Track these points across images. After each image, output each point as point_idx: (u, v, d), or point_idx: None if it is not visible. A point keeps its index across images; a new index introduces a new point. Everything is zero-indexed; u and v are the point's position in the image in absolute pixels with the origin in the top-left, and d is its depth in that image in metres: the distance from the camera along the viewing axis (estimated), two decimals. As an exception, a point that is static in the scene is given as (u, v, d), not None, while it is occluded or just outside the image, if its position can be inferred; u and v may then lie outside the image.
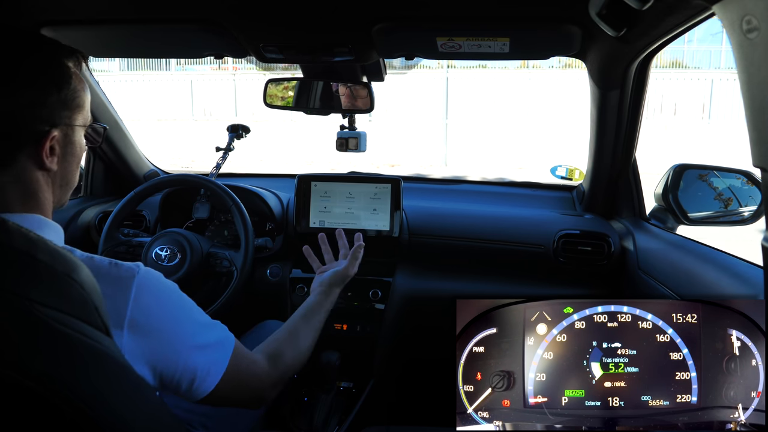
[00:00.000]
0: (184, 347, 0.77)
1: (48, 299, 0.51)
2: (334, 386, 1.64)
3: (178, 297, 0.79)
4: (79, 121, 0.79)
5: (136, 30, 1.23)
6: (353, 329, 1.66)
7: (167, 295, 0.77)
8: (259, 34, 1.20)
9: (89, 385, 0.54)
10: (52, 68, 0.74)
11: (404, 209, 1.64)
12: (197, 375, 0.78)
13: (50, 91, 0.73)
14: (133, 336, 0.71)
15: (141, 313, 0.72)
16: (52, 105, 0.73)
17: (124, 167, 1.90)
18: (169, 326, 0.76)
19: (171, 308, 0.77)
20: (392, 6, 1.02)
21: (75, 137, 0.78)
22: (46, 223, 0.75)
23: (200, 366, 0.78)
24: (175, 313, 0.77)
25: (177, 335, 0.76)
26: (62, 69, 0.75)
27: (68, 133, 0.77)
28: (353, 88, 1.48)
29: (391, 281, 1.64)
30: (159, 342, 0.74)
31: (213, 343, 0.81)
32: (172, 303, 0.78)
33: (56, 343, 0.51)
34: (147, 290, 0.73)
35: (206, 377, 0.79)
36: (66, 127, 0.76)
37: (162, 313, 0.75)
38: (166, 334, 0.75)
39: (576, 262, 1.56)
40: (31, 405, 0.51)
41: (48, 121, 0.73)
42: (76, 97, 0.77)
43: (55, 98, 0.74)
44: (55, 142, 0.74)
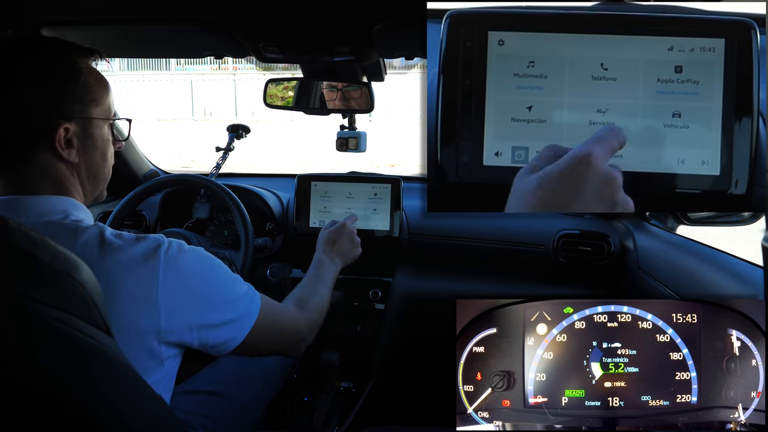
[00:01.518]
0: (216, 308, 0.80)
1: (49, 298, 0.51)
2: (334, 386, 1.64)
3: (204, 262, 0.81)
4: (97, 114, 0.82)
5: (135, 30, 1.23)
6: (353, 329, 1.66)
7: (194, 264, 0.79)
8: (259, 34, 1.20)
9: (89, 384, 0.54)
10: (57, 65, 0.78)
11: (404, 209, 1.64)
12: (227, 329, 0.82)
13: (57, 86, 0.77)
14: (167, 309, 0.74)
15: (170, 290, 0.75)
16: (60, 98, 0.77)
17: (124, 167, 1.90)
18: (199, 291, 0.79)
19: (198, 276, 0.80)
20: (392, 6, 1.02)
21: (94, 130, 0.82)
22: (81, 207, 0.81)
23: (231, 322, 0.82)
24: (204, 279, 0.80)
25: (211, 299, 0.80)
26: (70, 65, 0.79)
27: (86, 126, 0.81)
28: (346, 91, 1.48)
29: (391, 281, 1.64)
30: (191, 308, 0.77)
31: (243, 295, 0.85)
32: (200, 268, 0.80)
33: (57, 342, 0.51)
34: (174, 265, 0.76)
35: (237, 329, 0.83)
36: (82, 120, 0.80)
37: (190, 283, 0.78)
38: (195, 298, 0.78)
39: (576, 262, 1.56)
40: (32, 404, 0.51)
41: (59, 114, 0.77)
42: (89, 92, 0.80)
43: (62, 92, 0.77)
44: (71, 134, 0.78)
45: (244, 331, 0.84)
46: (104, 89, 0.84)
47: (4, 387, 0.49)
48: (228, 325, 0.82)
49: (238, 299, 0.84)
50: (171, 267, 0.75)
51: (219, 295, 0.81)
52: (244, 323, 0.84)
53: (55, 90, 0.77)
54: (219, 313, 0.81)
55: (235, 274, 0.87)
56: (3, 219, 0.52)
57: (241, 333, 0.84)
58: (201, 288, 0.79)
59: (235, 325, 0.83)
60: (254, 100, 10.75)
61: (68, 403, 0.51)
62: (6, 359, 0.48)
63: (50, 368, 0.51)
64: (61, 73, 0.78)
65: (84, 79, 0.80)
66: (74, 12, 1.14)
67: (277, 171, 2.24)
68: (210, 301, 0.80)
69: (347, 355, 1.64)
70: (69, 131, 0.78)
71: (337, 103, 1.50)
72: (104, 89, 0.84)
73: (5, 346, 0.48)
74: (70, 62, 0.79)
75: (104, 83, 0.84)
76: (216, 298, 0.81)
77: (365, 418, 1.59)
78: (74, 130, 0.79)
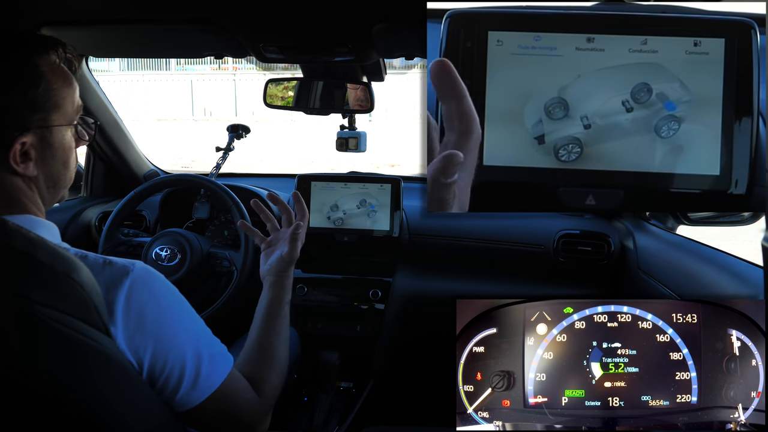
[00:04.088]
0: (179, 343, 0.70)
1: (48, 299, 0.51)
2: (334, 386, 1.65)
3: (176, 295, 0.74)
4: (59, 120, 0.73)
5: (136, 30, 1.23)
6: (353, 329, 1.66)
7: (165, 290, 0.72)
8: (259, 34, 1.20)
9: (89, 385, 0.54)
10: (15, 71, 0.68)
11: (404, 209, 1.64)
12: (186, 377, 0.70)
13: (13, 94, 0.67)
14: (126, 328, 0.65)
15: (135, 306, 0.66)
16: (17, 109, 0.68)
17: (124, 167, 1.90)
18: (167, 319, 0.70)
19: (169, 302, 0.71)
20: (392, 6, 1.02)
21: (54, 138, 0.73)
22: (39, 223, 0.71)
23: (193, 370, 0.70)
24: (174, 307, 0.72)
25: (174, 329, 0.70)
26: (29, 70, 0.69)
27: (45, 136, 0.71)
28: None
29: (391, 281, 1.64)
30: (154, 334, 0.68)
31: (213, 353, 0.74)
32: (171, 297, 0.72)
33: (56, 343, 0.51)
34: (142, 284, 0.68)
35: (197, 385, 0.71)
36: (41, 130, 0.70)
37: (158, 306, 0.69)
38: (162, 326, 0.69)
39: (576, 262, 1.56)
40: (32, 404, 0.51)
41: (15, 126, 0.68)
42: (51, 97, 0.71)
43: (20, 101, 0.68)
44: (28, 146, 0.69)
45: (205, 389, 0.72)
46: (68, 89, 0.74)
47: (3, 388, 0.49)
48: (188, 370, 0.70)
49: (206, 346, 0.73)
50: (135, 293, 0.67)
51: (180, 331, 0.71)
52: (206, 381, 0.72)
53: (12, 100, 0.67)
54: (177, 355, 0.69)
55: (208, 332, 0.77)
56: (2, 220, 0.52)
57: (201, 390, 0.71)
58: (160, 317, 0.69)
59: (200, 377, 0.71)
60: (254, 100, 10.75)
61: (68, 404, 0.51)
62: (6, 360, 0.48)
63: (50, 369, 0.51)
64: (18, 80, 0.68)
65: (45, 85, 0.70)
66: (74, 12, 1.14)
67: (277, 171, 2.24)
68: (173, 332, 0.70)
69: (347, 355, 1.64)
70: (26, 144, 0.68)
71: (362, 102, 1.49)
72: (68, 89, 0.74)
73: (5, 348, 0.48)
74: (29, 66, 0.69)
75: (68, 81, 0.74)
76: (174, 330, 0.71)
77: (365, 418, 1.59)
78: (32, 142, 0.69)
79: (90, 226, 1.81)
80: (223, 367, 0.75)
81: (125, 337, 0.65)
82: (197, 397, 0.71)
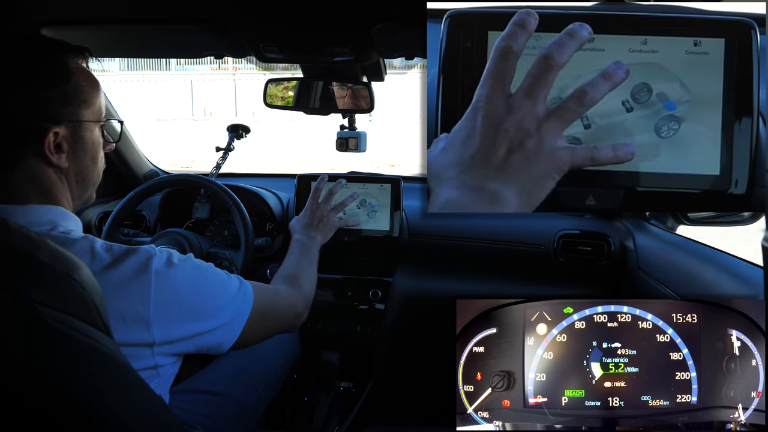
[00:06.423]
0: (206, 317, 0.79)
1: (49, 299, 0.51)
2: (334, 386, 1.65)
3: (191, 272, 0.80)
4: (88, 116, 0.79)
5: (136, 30, 1.23)
6: (353, 329, 1.66)
7: (182, 276, 0.78)
8: (259, 34, 1.20)
9: (89, 385, 0.54)
10: (48, 66, 0.75)
11: (404, 209, 1.64)
12: (220, 333, 0.81)
13: (47, 88, 0.74)
14: (160, 324, 0.74)
15: (162, 303, 0.74)
16: (50, 102, 0.74)
17: (124, 167, 1.90)
18: (192, 303, 0.78)
19: (189, 289, 0.78)
20: (392, 6, 1.02)
21: (84, 133, 0.79)
22: (69, 215, 0.79)
23: (222, 325, 0.81)
24: (197, 287, 0.80)
25: (199, 309, 0.79)
26: (60, 66, 0.76)
27: (76, 129, 0.78)
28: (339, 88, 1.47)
29: (391, 281, 1.64)
30: (184, 320, 0.77)
31: (234, 295, 0.84)
32: (188, 285, 0.79)
33: (57, 343, 0.51)
34: (164, 278, 0.75)
35: (231, 332, 0.83)
36: (72, 124, 0.77)
37: (182, 295, 0.77)
38: (189, 311, 0.77)
39: (576, 262, 1.56)
40: (31, 405, 0.51)
41: (48, 118, 0.74)
42: (79, 93, 0.77)
43: (53, 95, 0.74)
44: (61, 138, 0.76)
45: (238, 329, 0.84)
46: (95, 90, 0.81)
47: (3, 388, 0.49)
48: (223, 328, 0.82)
49: (230, 302, 0.84)
50: (162, 282, 0.74)
51: (212, 304, 0.81)
52: (238, 322, 0.84)
53: (45, 93, 0.74)
54: (213, 321, 0.80)
55: (225, 274, 0.86)
56: (2, 220, 0.52)
57: (236, 332, 0.84)
58: (193, 300, 0.78)
59: (230, 327, 0.83)
60: (254, 100, 10.75)
61: (68, 405, 0.51)
62: (5, 360, 0.48)
63: (50, 370, 0.51)
64: (50, 74, 0.75)
65: (74, 80, 0.77)
66: (74, 12, 1.14)
67: (277, 171, 2.24)
68: (203, 311, 0.79)
69: (347, 355, 1.64)
70: (59, 135, 0.75)
71: (347, 101, 1.49)
72: (95, 90, 0.81)
73: (4, 347, 0.48)
74: (60, 63, 0.76)
75: (95, 83, 0.81)
76: (209, 306, 0.80)
77: (365, 418, 1.59)
78: (64, 134, 0.76)
79: (90, 226, 1.81)
80: (247, 300, 0.86)
81: (160, 335, 0.74)
82: (234, 334, 0.84)
